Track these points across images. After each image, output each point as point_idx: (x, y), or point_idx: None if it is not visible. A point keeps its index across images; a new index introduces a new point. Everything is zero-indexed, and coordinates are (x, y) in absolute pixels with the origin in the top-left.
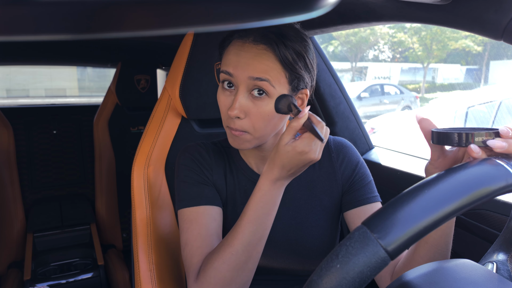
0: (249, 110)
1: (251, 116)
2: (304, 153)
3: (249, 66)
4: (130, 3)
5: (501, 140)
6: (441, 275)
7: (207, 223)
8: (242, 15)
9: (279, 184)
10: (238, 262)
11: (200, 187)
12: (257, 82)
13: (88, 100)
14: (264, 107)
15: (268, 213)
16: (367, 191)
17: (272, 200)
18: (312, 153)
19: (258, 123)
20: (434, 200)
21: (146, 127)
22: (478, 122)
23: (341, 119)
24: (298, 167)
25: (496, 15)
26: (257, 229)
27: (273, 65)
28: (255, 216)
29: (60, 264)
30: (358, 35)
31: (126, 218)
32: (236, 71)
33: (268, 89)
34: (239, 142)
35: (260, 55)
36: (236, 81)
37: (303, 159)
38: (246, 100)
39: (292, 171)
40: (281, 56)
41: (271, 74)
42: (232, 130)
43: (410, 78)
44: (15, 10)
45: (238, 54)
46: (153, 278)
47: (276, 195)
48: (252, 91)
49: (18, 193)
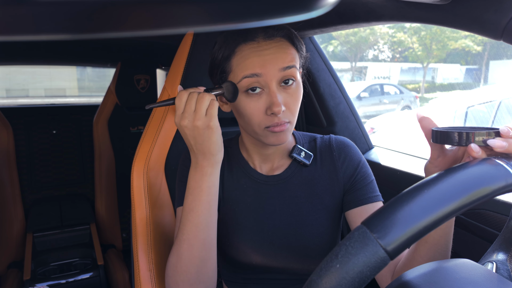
0: (286, 101)
1: (289, 105)
2: (177, 124)
3: (277, 59)
4: (130, 3)
5: (501, 140)
6: (440, 274)
7: None
8: (242, 15)
9: (199, 168)
10: (181, 250)
11: None
12: (287, 71)
13: (88, 100)
14: (297, 94)
15: (197, 199)
16: (369, 191)
17: (197, 185)
18: (181, 119)
19: (294, 110)
20: (434, 200)
21: (146, 127)
22: (478, 122)
23: (340, 119)
24: (192, 140)
25: (496, 15)
26: (192, 217)
27: (293, 51)
28: (187, 204)
29: (60, 264)
30: (358, 35)
31: (125, 218)
32: (265, 69)
33: (295, 74)
34: (284, 136)
35: (281, 46)
36: (264, 80)
37: (181, 130)
38: (281, 93)
39: (194, 149)
40: (295, 42)
41: (295, 60)
42: (276, 127)
43: (410, 78)
44: (15, 10)
45: (260, 53)
46: (153, 278)
47: (199, 179)
48: (280, 83)
49: (17, 193)
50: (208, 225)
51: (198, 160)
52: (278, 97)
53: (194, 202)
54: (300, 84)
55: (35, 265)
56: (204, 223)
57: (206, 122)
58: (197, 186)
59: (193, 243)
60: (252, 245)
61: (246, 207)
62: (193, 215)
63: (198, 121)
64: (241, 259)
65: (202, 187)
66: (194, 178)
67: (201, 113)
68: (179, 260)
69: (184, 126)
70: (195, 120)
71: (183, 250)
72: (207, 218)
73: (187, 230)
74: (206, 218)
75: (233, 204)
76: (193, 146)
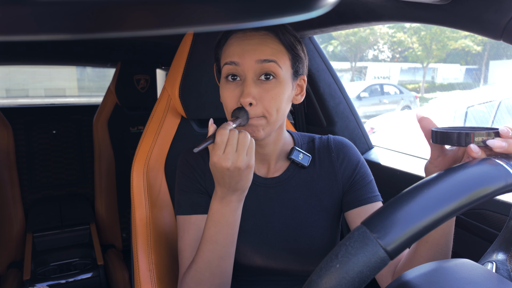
0: (260, 95)
1: (263, 101)
2: (215, 164)
3: (256, 50)
4: (130, 3)
5: (501, 140)
6: (440, 274)
7: (195, 234)
8: (242, 15)
9: (226, 202)
10: (202, 278)
11: (193, 196)
12: (265, 64)
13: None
14: (275, 91)
15: (222, 231)
16: (368, 191)
17: (223, 218)
18: (222, 161)
19: (270, 106)
20: (434, 200)
21: (146, 127)
22: (478, 122)
23: (340, 119)
24: (228, 179)
25: (496, 15)
26: (215, 248)
27: (278, 47)
28: (210, 235)
29: (60, 264)
30: (358, 35)
31: (125, 218)
32: (243, 59)
33: (276, 70)
34: (255, 130)
35: (264, 39)
36: (242, 70)
37: (220, 170)
38: (256, 86)
39: (227, 185)
40: (284, 39)
41: (277, 56)
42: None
43: (410, 78)
44: (15, 10)
45: (242, 43)
46: (153, 278)
47: (226, 212)
48: (259, 77)
49: (17, 193)
50: (231, 255)
51: (227, 195)
52: (251, 89)
53: (218, 235)
54: (284, 83)
55: (35, 265)
56: (227, 254)
57: (247, 162)
58: (223, 220)
59: (215, 272)
60: (252, 247)
61: (245, 209)
62: (217, 247)
63: (241, 162)
64: (241, 261)
65: (229, 221)
66: (220, 212)
67: (244, 154)
68: (199, 285)
69: (226, 168)
70: (238, 162)
71: (205, 278)
72: (231, 248)
73: (209, 259)
74: (230, 248)
75: None
76: (227, 184)
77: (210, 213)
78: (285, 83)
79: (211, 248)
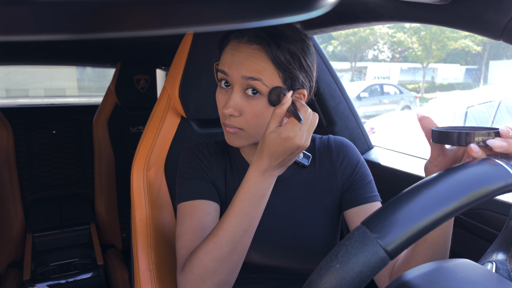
0: (243, 108)
1: (245, 114)
2: (289, 139)
3: (243, 65)
4: (130, 3)
5: (501, 140)
6: (440, 274)
7: (200, 217)
8: (242, 15)
9: (268, 174)
10: (222, 253)
11: (197, 182)
12: (250, 81)
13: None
14: (258, 105)
15: (256, 204)
16: (367, 190)
17: (260, 191)
18: (298, 138)
19: (252, 121)
20: (434, 200)
21: (146, 127)
22: (478, 122)
23: (340, 119)
24: (286, 155)
25: (496, 15)
26: (243, 220)
27: (266, 65)
28: (241, 207)
29: (60, 264)
30: (358, 35)
31: (125, 218)
32: (231, 71)
33: (261, 88)
34: (234, 139)
35: (253, 55)
36: (231, 80)
37: (289, 146)
38: (241, 99)
39: (280, 159)
40: (273, 56)
41: (264, 74)
42: (226, 127)
43: (410, 78)
44: (14, 10)
45: (233, 54)
46: (153, 278)
47: (264, 186)
48: (246, 90)
49: (17, 193)
50: (254, 230)
51: (272, 169)
52: (233, 100)
53: (250, 207)
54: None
55: (35, 265)
56: (252, 229)
57: (309, 142)
58: (260, 193)
59: (236, 247)
60: (253, 245)
61: None
62: (245, 221)
63: (308, 142)
64: None
65: (265, 194)
66: (259, 184)
67: (311, 135)
68: (215, 262)
69: (297, 145)
70: (306, 141)
71: (224, 253)
72: (256, 223)
73: (234, 233)
74: (255, 223)
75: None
76: (280, 159)
77: (247, 185)
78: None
79: (239, 222)
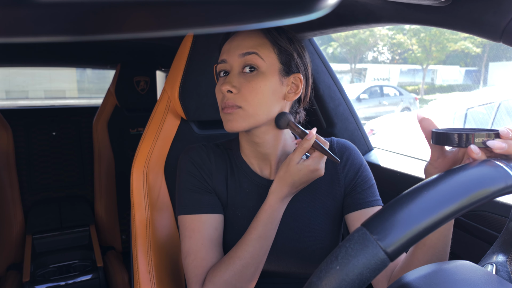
0: (241, 85)
1: (243, 91)
2: (316, 171)
3: (239, 45)
4: (130, 4)
5: (501, 141)
6: (440, 276)
7: (210, 233)
8: (241, 17)
9: (286, 200)
10: (248, 273)
11: (201, 194)
12: (247, 57)
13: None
14: (256, 81)
15: (274, 227)
16: (369, 194)
17: (279, 215)
18: (322, 169)
19: (250, 97)
20: (434, 202)
21: (146, 129)
22: (477, 124)
23: (340, 121)
24: (308, 183)
25: (495, 16)
26: (265, 242)
27: (261, 40)
28: (264, 231)
29: (59, 266)
30: (357, 37)
31: (125, 220)
32: (228, 55)
33: (258, 62)
34: (232, 120)
35: (249, 34)
36: (229, 65)
37: (314, 176)
38: (238, 77)
39: (301, 187)
40: (269, 33)
41: (259, 49)
42: (225, 109)
43: (409, 80)
44: (14, 12)
45: (230, 41)
46: (152, 280)
47: (282, 210)
48: (243, 68)
49: (17, 194)
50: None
51: (290, 194)
52: (232, 79)
53: (271, 230)
54: (267, 75)
55: (35, 267)
56: (269, 247)
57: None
58: (278, 217)
59: (259, 266)
60: None
61: (249, 211)
62: (267, 242)
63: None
64: None
65: (280, 217)
66: (278, 210)
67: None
68: (242, 282)
69: (320, 175)
70: (323, 171)
71: (250, 273)
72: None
73: (258, 254)
74: (272, 242)
75: (236, 209)
76: (300, 186)
77: (268, 211)
78: (268, 75)
79: (263, 244)
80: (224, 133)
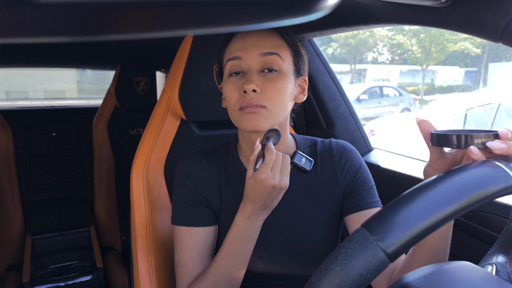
0: (263, 85)
1: (266, 90)
2: (263, 181)
3: (258, 44)
4: (130, 5)
5: (500, 142)
6: (440, 277)
7: (197, 247)
8: (242, 17)
9: (253, 219)
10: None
11: (193, 207)
12: (268, 57)
13: (87, 102)
14: (279, 82)
15: (243, 246)
16: (368, 196)
17: (247, 234)
18: (270, 178)
19: (273, 96)
20: (434, 202)
21: (145, 129)
22: (477, 124)
23: (340, 121)
24: (265, 196)
25: (495, 17)
26: (235, 262)
27: (280, 42)
28: (232, 249)
29: (59, 266)
30: (357, 37)
31: (125, 221)
32: (245, 53)
33: (279, 63)
34: (256, 118)
35: (267, 34)
36: (245, 63)
37: (264, 187)
38: (259, 77)
39: (261, 202)
40: (285, 34)
41: (280, 49)
42: (247, 108)
43: (409, 80)
44: (14, 12)
45: (244, 38)
46: (152, 280)
47: (251, 229)
48: (263, 70)
49: (17, 195)
50: (246, 265)
51: (256, 213)
52: (254, 77)
53: (240, 250)
54: (287, 76)
55: (34, 267)
56: (245, 266)
57: (287, 183)
58: (247, 237)
59: (232, 284)
60: (254, 253)
61: None
62: (238, 262)
63: (284, 182)
64: None
65: (252, 237)
66: (245, 228)
67: (286, 175)
68: None
69: (272, 186)
70: (282, 181)
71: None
72: (248, 260)
73: (229, 272)
74: (247, 260)
75: (232, 213)
76: (261, 202)
77: (235, 229)
78: (288, 76)
79: (232, 262)
80: (224, 134)
